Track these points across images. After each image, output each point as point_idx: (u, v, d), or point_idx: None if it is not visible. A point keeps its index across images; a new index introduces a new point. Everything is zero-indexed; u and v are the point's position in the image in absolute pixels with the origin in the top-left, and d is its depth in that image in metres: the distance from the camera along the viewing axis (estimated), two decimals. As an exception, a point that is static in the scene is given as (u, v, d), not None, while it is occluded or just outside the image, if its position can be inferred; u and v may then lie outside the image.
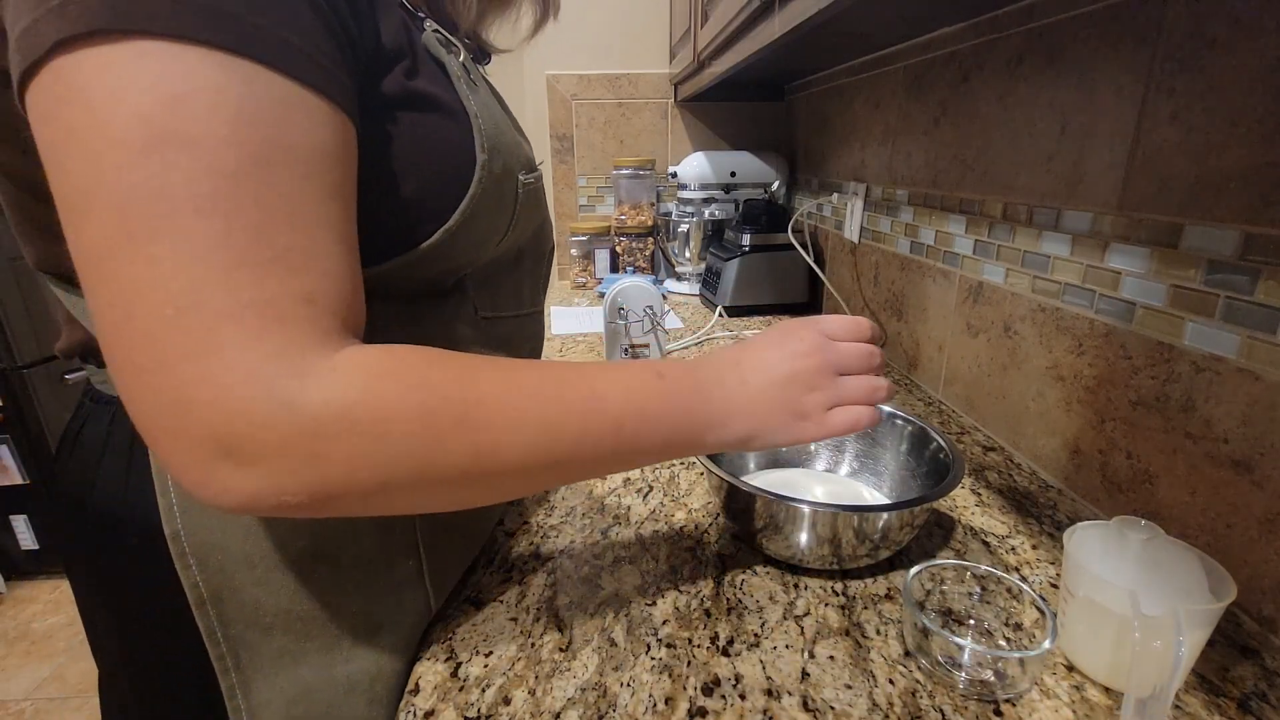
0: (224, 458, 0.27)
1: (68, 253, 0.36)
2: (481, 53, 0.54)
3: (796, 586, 0.51)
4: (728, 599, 0.50)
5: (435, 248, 0.39)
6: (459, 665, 0.44)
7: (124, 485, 0.41)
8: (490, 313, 0.50)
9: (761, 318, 1.34)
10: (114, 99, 0.25)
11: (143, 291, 0.26)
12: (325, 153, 0.30)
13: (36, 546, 1.92)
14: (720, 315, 1.31)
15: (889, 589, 0.51)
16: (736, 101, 1.63)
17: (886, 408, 0.65)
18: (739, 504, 0.53)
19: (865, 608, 0.49)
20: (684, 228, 1.50)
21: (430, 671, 0.44)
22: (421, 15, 0.41)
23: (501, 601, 0.50)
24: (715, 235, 1.49)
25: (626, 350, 0.81)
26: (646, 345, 0.81)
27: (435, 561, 0.47)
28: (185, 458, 0.27)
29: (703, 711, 0.40)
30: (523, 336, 0.56)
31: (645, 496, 0.65)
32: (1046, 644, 0.40)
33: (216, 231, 0.26)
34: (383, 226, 0.37)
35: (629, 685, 0.42)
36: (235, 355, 0.26)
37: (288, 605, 0.41)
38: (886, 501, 0.63)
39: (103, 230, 0.26)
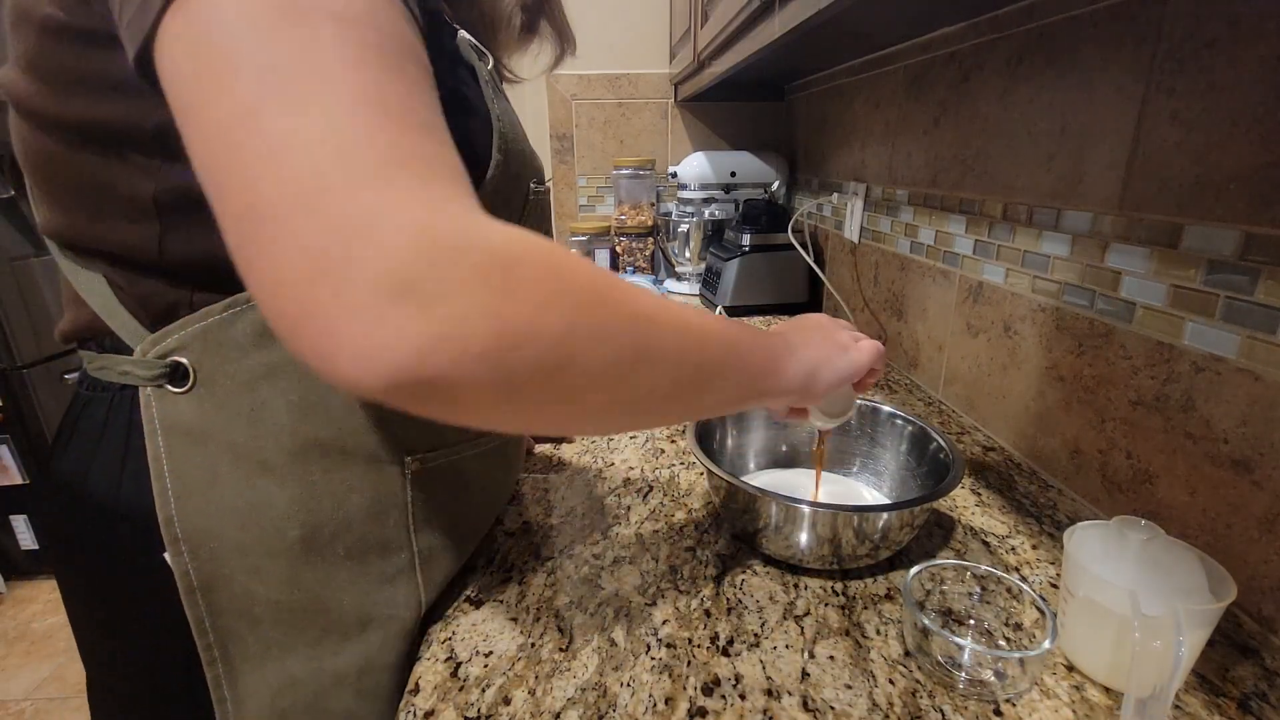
0: (401, 297, 0.22)
1: (83, 221, 0.38)
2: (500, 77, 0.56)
3: (796, 586, 0.51)
4: (728, 599, 0.50)
5: None
6: (459, 665, 0.44)
7: (119, 473, 0.41)
8: None
9: (761, 318, 1.34)
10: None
11: (297, 136, 0.24)
12: (421, 54, 0.30)
13: (36, 546, 1.92)
14: (721, 315, 1.31)
15: (889, 589, 0.51)
16: (736, 101, 1.63)
17: (886, 407, 0.65)
18: (739, 504, 0.53)
19: (865, 608, 0.49)
20: (684, 228, 1.49)
21: (430, 671, 0.44)
22: (455, 26, 0.43)
23: (501, 601, 0.50)
24: (715, 235, 1.49)
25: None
26: None
27: (427, 556, 0.48)
28: (350, 301, 0.22)
29: (703, 711, 0.40)
30: None
31: (645, 496, 0.65)
32: (1046, 644, 0.40)
33: (370, 86, 0.25)
34: None
35: (629, 685, 0.42)
36: (412, 189, 0.24)
37: (278, 596, 0.42)
38: (886, 501, 0.63)
39: (245, 94, 0.24)
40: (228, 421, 0.40)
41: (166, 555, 0.40)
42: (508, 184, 0.43)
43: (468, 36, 0.42)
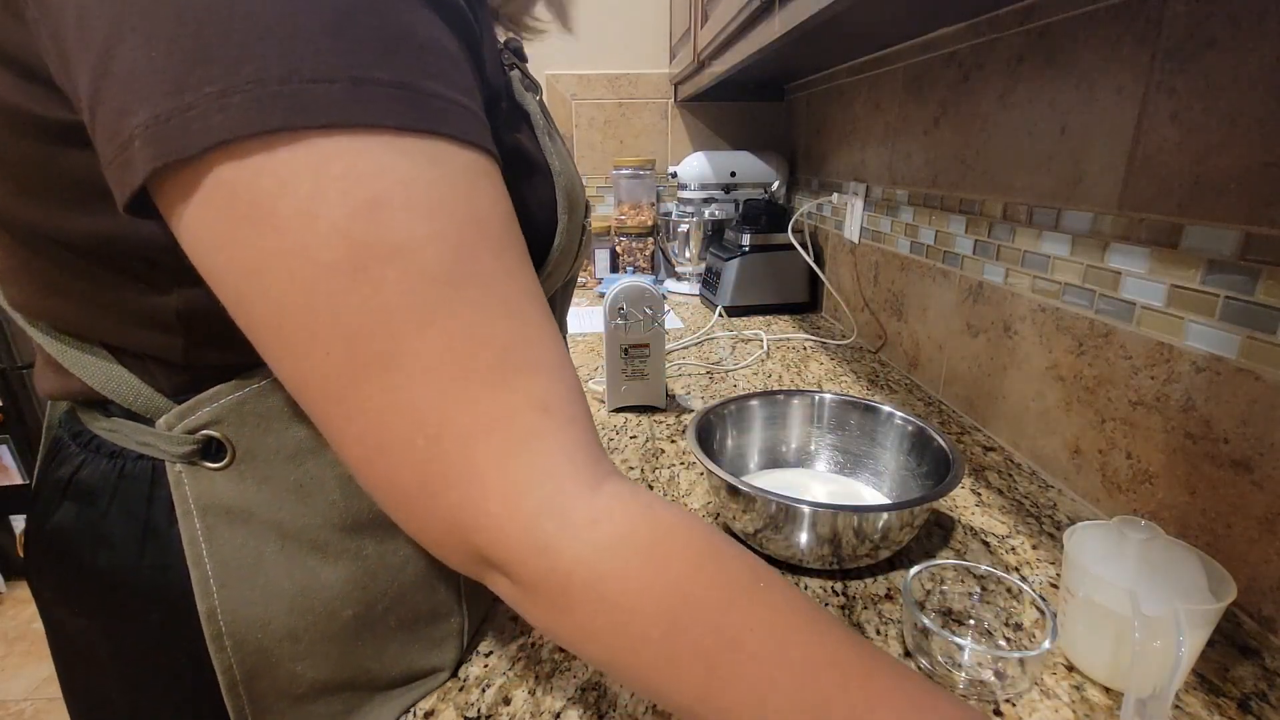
0: (492, 569, 0.28)
1: (70, 307, 0.32)
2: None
3: (796, 586, 0.51)
4: (728, 599, 0.50)
5: None
6: (459, 665, 0.44)
7: (138, 550, 0.35)
8: None
9: (761, 318, 1.34)
10: (307, 216, 0.23)
11: (389, 423, 0.25)
12: (510, 219, 0.28)
13: (36, 546, 1.92)
14: (720, 315, 1.31)
15: (889, 589, 0.51)
16: (736, 101, 1.63)
17: (886, 407, 0.65)
18: (739, 504, 0.53)
19: (865, 608, 0.49)
20: (684, 228, 1.50)
21: (430, 671, 0.44)
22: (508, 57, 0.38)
23: (502, 601, 0.50)
24: (715, 235, 1.49)
25: (626, 351, 0.81)
26: (646, 345, 0.81)
27: (475, 616, 0.45)
28: (464, 567, 0.28)
29: (703, 711, 0.40)
30: None
31: (645, 496, 0.65)
32: (1046, 644, 0.40)
33: (439, 346, 0.25)
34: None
35: (629, 685, 0.42)
36: (493, 481, 0.25)
37: (326, 677, 0.38)
38: (886, 501, 0.63)
39: (332, 364, 0.24)
40: (273, 499, 0.35)
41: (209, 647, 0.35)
42: (571, 235, 0.39)
43: (519, 73, 0.38)
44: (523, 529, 0.25)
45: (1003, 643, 0.45)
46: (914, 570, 0.46)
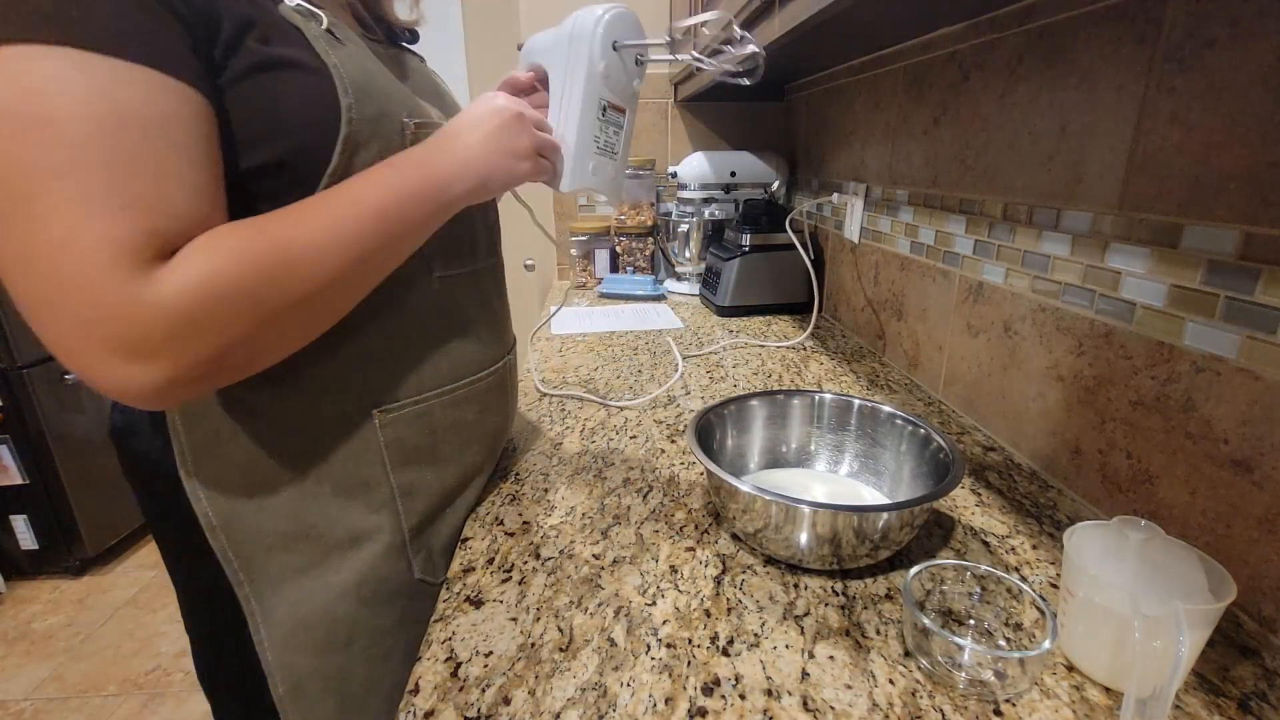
0: (131, 359, 0.36)
1: None
2: (412, 36, 0.63)
3: (796, 586, 0.51)
4: (728, 599, 0.50)
5: None
6: (459, 665, 0.44)
7: (151, 436, 0.50)
8: (445, 270, 0.56)
9: (761, 318, 1.34)
10: None
11: (30, 243, 0.34)
12: (165, 116, 0.37)
13: (36, 546, 1.92)
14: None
15: (889, 589, 0.51)
16: (736, 101, 1.63)
17: (886, 407, 0.65)
18: (739, 504, 0.53)
19: (865, 608, 0.49)
20: (684, 228, 1.49)
21: (430, 671, 0.44)
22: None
23: (501, 601, 0.50)
24: (715, 235, 1.49)
25: (605, 111, 0.56)
26: (623, 110, 0.59)
27: (407, 489, 0.56)
28: (101, 369, 0.36)
29: (703, 711, 0.40)
30: (482, 294, 0.62)
31: (645, 496, 0.65)
32: (1046, 644, 0.40)
33: (73, 189, 0.34)
34: (280, 181, 0.43)
35: (629, 685, 0.42)
36: (107, 282, 0.35)
37: (283, 528, 0.51)
38: (886, 501, 0.63)
39: None
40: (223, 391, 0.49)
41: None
42: (372, 123, 0.46)
43: (294, 3, 0.45)
44: (136, 303, 0.35)
45: (1003, 643, 0.45)
46: (914, 570, 0.46)
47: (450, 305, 0.57)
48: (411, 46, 0.64)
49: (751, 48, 0.56)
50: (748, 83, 0.59)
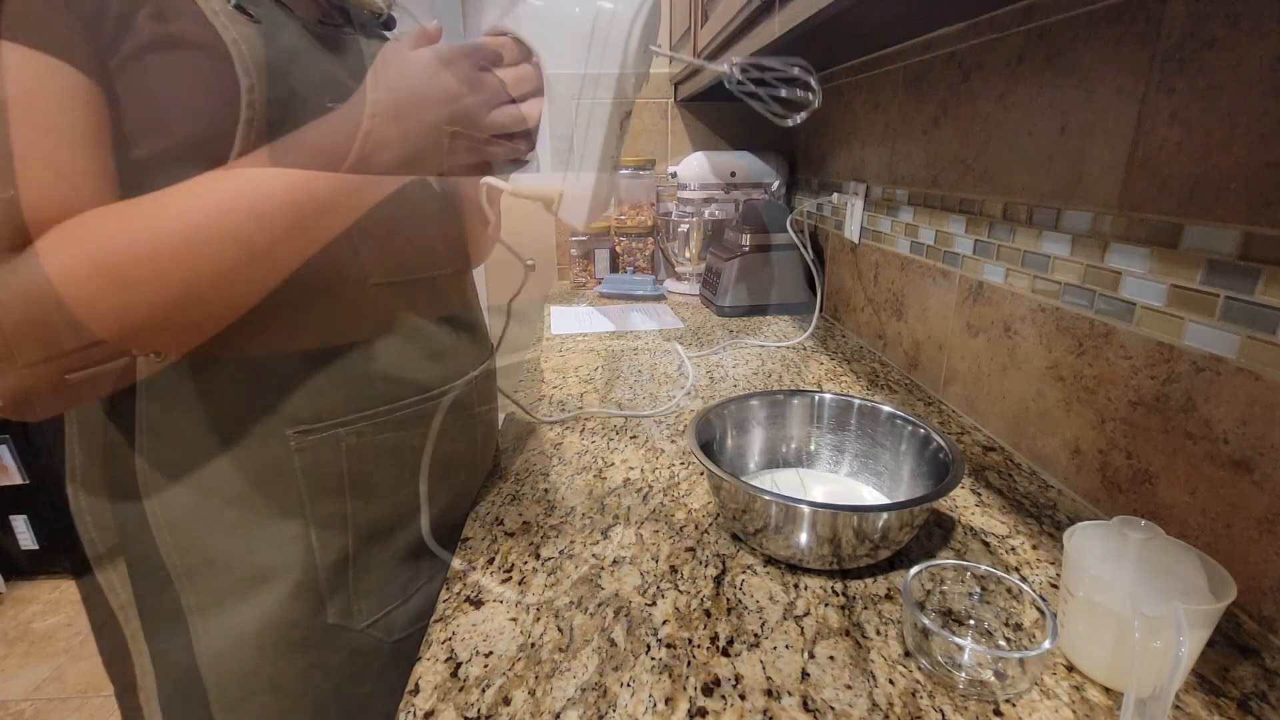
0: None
1: None
2: (373, 19, 0.55)
3: (796, 586, 0.51)
4: (728, 599, 0.50)
5: None
6: (459, 665, 0.44)
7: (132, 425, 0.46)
8: (386, 277, 0.49)
9: (761, 318, 1.34)
10: None
11: None
12: (32, 95, 0.35)
13: (36, 546, 1.92)
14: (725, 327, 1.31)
15: (889, 589, 0.51)
16: (737, 101, 1.62)
17: (886, 407, 0.65)
18: (739, 504, 0.53)
19: (865, 608, 0.49)
20: (684, 228, 1.49)
21: (430, 671, 0.44)
22: None
23: (501, 601, 0.50)
24: (715, 235, 1.49)
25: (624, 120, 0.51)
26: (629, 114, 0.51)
27: (323, 519, 0.49)
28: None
29: (703, 711, 0.40)
30: (441, 305, 0.55)
31: (645, 496, 0.65)
32: (1046, 644, 0.40)
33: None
34: (180, 174, 0.38)
35: (629, 685, 0.42)
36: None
37: (176, 560, 0.46)
38: (886, 501, 0.63)
39: None
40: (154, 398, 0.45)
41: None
42: (282, 106, 0.42)
43: None
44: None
45: (1003, 643, 0.45)
46: (914, 570, 0.46)
47: (391, 316, 0.50)
48: (388, 33, 0.57)
49: (809, 95, 0.50)
50: (786, 122, 0.54)
